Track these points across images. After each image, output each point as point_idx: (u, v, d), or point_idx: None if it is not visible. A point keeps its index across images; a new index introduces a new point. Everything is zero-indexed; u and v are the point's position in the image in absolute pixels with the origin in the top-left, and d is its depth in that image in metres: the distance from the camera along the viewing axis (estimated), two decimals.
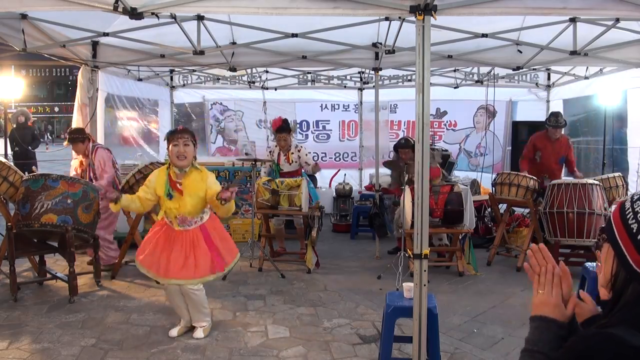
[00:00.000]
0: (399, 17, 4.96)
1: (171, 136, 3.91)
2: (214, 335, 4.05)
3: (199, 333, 4.02)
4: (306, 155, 6.40)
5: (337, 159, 9.98)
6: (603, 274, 1.24)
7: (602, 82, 7.38)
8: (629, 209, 1.18)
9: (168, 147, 3.91)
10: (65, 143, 5.94)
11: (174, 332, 4.04)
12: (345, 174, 8.82)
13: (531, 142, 6.75)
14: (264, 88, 9.13)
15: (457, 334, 4.13)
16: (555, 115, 6.70)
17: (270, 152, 6.51)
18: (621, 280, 1.17)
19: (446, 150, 8.63)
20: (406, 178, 5.47)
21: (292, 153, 6.34)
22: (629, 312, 1.12)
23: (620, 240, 1.17)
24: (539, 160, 6.57)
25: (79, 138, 5.69)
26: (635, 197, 1.19)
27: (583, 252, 5.86)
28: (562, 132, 6.75)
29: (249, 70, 8.41)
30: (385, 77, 8.68)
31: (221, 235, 4.07)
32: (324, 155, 9.96)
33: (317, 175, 8.93)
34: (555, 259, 1.37)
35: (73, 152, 5.93)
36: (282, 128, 6.25)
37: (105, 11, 3.44)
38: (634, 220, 1.15)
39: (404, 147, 6.47)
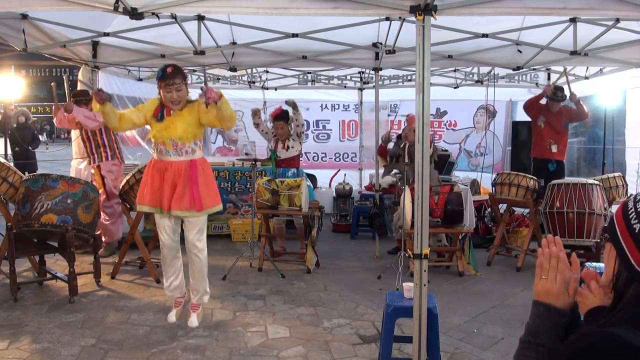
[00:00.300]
0: (399, 17, 4.97)
1: (161, 82, 3.81)
2: (214, 336, 4.04)
3: (193, 320, 3.99)
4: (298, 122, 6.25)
5: (337, 159, 9.98)
6: (605, 274, 1.24)
7: (602, 82, 7.38)
8: (631, 208, 1.17)
9: (160, 89, 3.85)
10: (69, 105, 5.93)
11: (172, 317, 4.05)
12: (345, 174, 8.83)
13: (536, 106, 6.83)
14: (264, 88, 9.12)
15: (457, 334, 4.13)
16: (556, 89, 6.81)
17: (273, 134, 6.38)
18: (623, 280, 1.16)
19: (446, 150, 8.63)
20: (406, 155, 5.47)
21: (289, 140, 6.23)
22: (631, 311, 1.12)
23: (622, 240, 1.16)
24: (542, 127, 6.63)
25: (83, 100, 5.70)
26: (639, 197, 1.19)
27: (583, 252, 5.86)
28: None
29: (249, 70, 8.41)
30: (386, 77, 8.67)
31: (207, 180, 4.00)
32: (324, 155, 9.97)
33: (317, 175, 8.96)
34: None
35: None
36: (279, 116, 6.22)
37: (105, 11, 3.44)
38: (636, 220, 1.14)
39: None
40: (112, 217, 6.05)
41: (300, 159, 6.49)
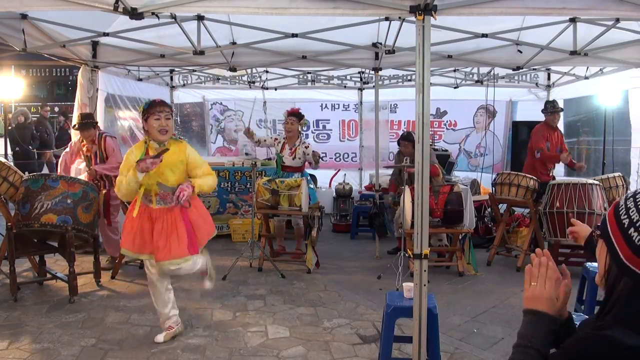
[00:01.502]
0: (399, 17, 4.97)
1: (151, 109, 3.67)
2: (214, 336, 4.05)
3: (159, 337, 3.88)
4: (312, 151, 6.24)
5: (337, 159, 9.99)
6: (598, 270, 1.26)
7: (602, 82, 7.38)
8: (622, 205, 1.20)
9: (147, 120, 3.69)
10: (75, 127, 5.89)
11: (159, 337, 3.90)
12: (345, 174, 8.83)
13: (539, 135, 6.65)
14: (264, 88, 9.13)
15: (457, 334, 4.13)
16: (550, 102, 6.82)
17: (275, 139, 6.31)
18: (613, 275, 1.18)
19: (446, 150, 8.63)
20: (405, 177, 5.46)
21: (299, 147, 6.14)
22: (624, 312, 1.13)
23: (612, 235, 1.18)
24: (538, 156, 6.61)
25: (91, 123, 5.68)
26: (629, 194, 1.21)
27: (583, 252, 5.86)
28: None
29: (249, 70, 8.41)
30: (385, 77, 8.68)
31: (201, 213, 3.94)
32: (324, 155, 9.95)
33: (317, 175, 8.95)
34: (555, 259, 1.39)
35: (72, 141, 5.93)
36: (294, 113, 6.24)
37: (105, 11, 3.44)
38: (625, 216, 1.17)
39: (405, 139, 6.31)
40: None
41: None
